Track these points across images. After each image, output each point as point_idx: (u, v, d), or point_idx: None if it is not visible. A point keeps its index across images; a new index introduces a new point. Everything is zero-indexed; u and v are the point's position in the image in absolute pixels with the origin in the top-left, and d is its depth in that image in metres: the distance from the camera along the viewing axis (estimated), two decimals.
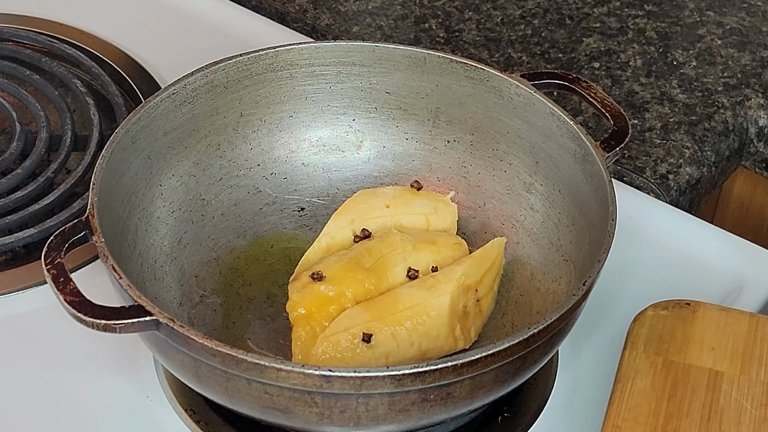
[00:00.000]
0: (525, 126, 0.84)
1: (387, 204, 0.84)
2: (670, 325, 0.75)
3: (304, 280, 0.78)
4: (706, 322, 0.75)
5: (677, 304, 0.76)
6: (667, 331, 0.74)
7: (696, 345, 0.73)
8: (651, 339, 0.74)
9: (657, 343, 0.73)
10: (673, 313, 0.75)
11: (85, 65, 1.02)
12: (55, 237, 0.70)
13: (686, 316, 0.75)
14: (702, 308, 0.76)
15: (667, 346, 0.73)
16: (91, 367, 0.80)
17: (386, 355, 0.74)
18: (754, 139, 1.07)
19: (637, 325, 0.75)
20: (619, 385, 0.73)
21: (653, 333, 0.74)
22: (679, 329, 0.74)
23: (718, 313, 0.76)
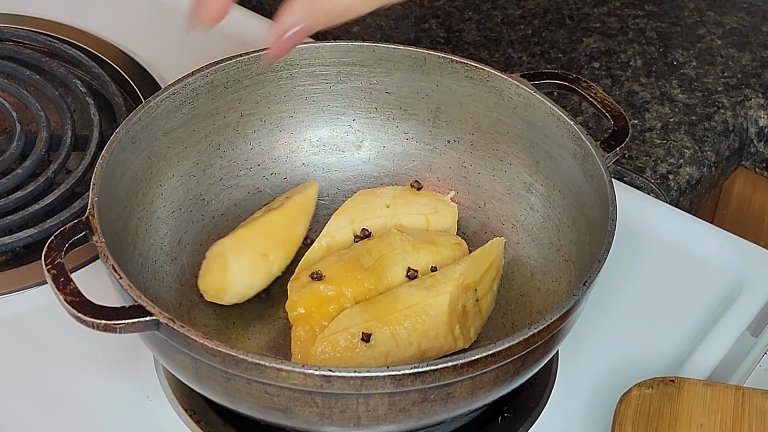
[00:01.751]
0: (525, 126, 0.84)
1: (387, 204, 0.84)
2: (657, 403, 0.75)
3: (303, 279, 0.78)
4: (692, 398, 0.75)
5: (662, 382, 0.76)
6: (654, 409, 0.75)
7: (684, 423, 0.74)
8: (639, 419, 0.74)
9: (645, 423, 0.74)
10: (659, 391, 0.75)
11: (85, 65, 1.02)
12: (55, 237, 0.70)
13: (672, 393, 0.75)
14: (687, 384, 0.76)
15: (655, 426, 0.74)
16: (91, 367, 0.80)
17: (385, 355, 0.74)
18: (754, 139, 1.07)
19: (623, 406, 0.75)
20: None
21: (640, 412, 0.74)
22: (666, 407, 0.74)
23: (704, 389, 0.76)
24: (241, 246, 0.79)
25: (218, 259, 0.79)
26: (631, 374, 0.81)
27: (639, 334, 0.84)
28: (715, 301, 0.87)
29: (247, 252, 0.79)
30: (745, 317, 0.85)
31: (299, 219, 0.83)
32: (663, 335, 0.84)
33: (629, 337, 0.84)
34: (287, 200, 0.84)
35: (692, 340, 0.84)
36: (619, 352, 0.83)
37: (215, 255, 0.79)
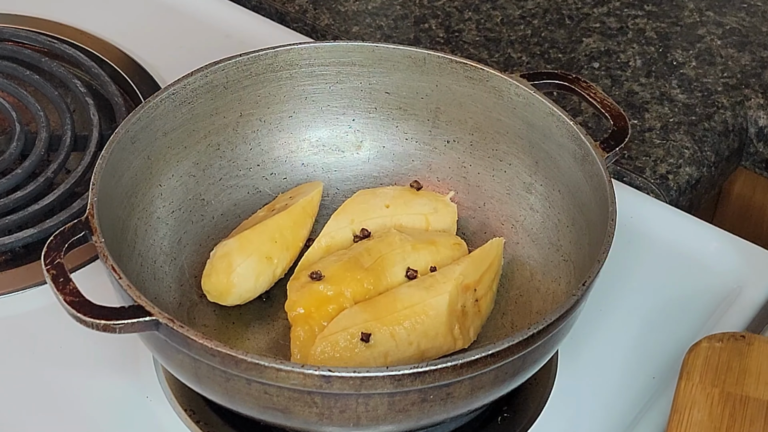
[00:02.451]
0: (525, 126, 0.84)
1: (387, 204, 0.84)
2: (726, 357, 0.75)
3: (303, 279, 0.78)
4: (763, 354, 0.76)
5: (732, 336, 0.77)
6: (723, 363, 0.75)
7: (753, 377, 0.74)
8: (707, 371, 0.75)
9: (713, 375, 0.74)
10: (728, 346, 0.76)
11: (85, 65, 1.02)
12: (54, 237, 0.70)
13: (741, 349, 0.76)
14: (757, 341, 0.77)
15: (723, 378, 0.74)
16: (91, 367, 0.80)
17: (385, 355, 0.74)
18: (753, 139, 1.07)
19: (692, 356, 0.76)
20: (676, 416, 0.73)
21: (709, 365, 0.75)
22: (735, 361, 0.75)
23: None
24: (247, 248, 0.79)
25: (223, 260, 0.79)
26: (631, 374, 0.81)
27: (639, 334, 0.84)
28: (715, 301, 0.87)
29: (253, 254, 0.79)
30: (744, 317, 0.85)
31: (304, 222, 0.83)
32: (663, 335, 0.84)
33: (629, 337, 0.84)
34: (291, 201, 0.84)
35: (692, 340, 0.83)
36: (619, 352, 0.83)
37: (220, 256, 0.79)
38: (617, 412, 0.79)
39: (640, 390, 0.80)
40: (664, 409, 0.78)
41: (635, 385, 0.80)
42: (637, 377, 0.81)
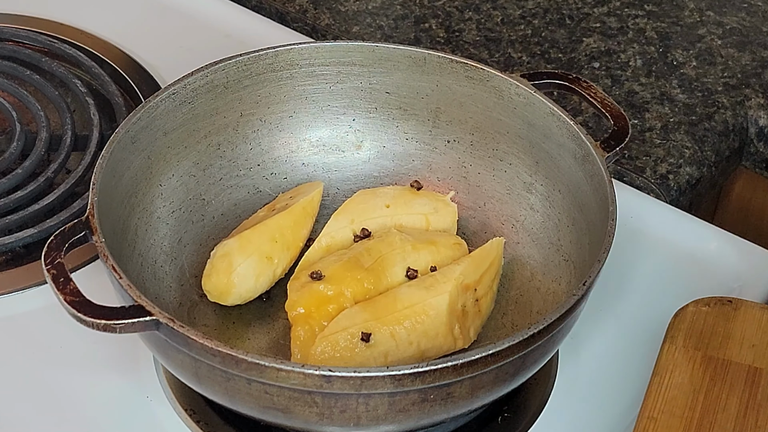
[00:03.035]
0: (525, 126, 0.84)
1: (387, 204, 0.84)
2: (711, 321, 0.75)
3: (303, 279, 0.78)
4: (748, 319, 0.75)
5: (719, 301, 0.76)
6: (708, 326, 0.75)
7: (736, 341, 0.74)
8: (691, 334, 0.74)
9: (697, 339, 0.74)
10: (715, 310, 0.75)
11: (85, 65, 1.02)
12: (55, 237, 0.70)
13: (728, 313, 0.75)
14: (744, 306, 0.76)
15: (707, 342, 0.74)
16: (91, 367, 0.80)
17: (385, 355, 0.74)
18: (754, 139, 1.07)
19: (677, 320, 0.75)
20: (656, 378, 0.73)
21: (693, 328, 0.75)
22: (720, 325, 0.74)
23: (760, 311, 0.76)
24: (247, 248, 0.79)
25: (223, 260, 0.79)
26: (631, 375, 0.81)
27: (639, 334, 0.84)
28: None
29: (253, 254, 0.79)
30: None
31: (304, 222, 0.83)
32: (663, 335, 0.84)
33: (629, 337, 0.84)
34: (292, 200, 0.84)
35: None
36: (619, 352, 0.83)
37: (221, 256, 0.79)
38: (617, 412, 0.79)
39: (640, 390, 0.80)
40: None
41: (635, 384, 0.80)
42: (637, 377, 0.81)
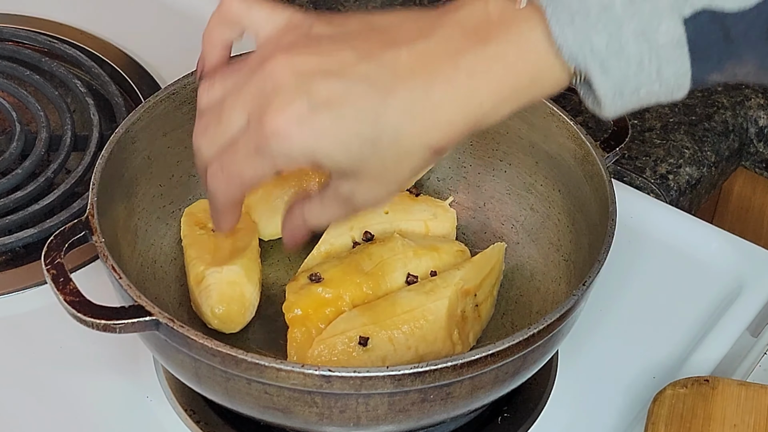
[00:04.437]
0: (525, 126, 0.84)
1: (386, 210, 0.84)
2: (690, 403, 0.74)
3: (302, 281, 0.78)
4: (727, 398, 0.75)
5: (696, 381, 0.76)
6: (688, 409, 0.74)
7: (718, 423, 0.73)
8: (672, 419, 0.74)
9: (678, 423, 0.73)
10: (693, 391, 0.75)
11: (85, 65, 1.02)
12: (55, 237, 0.70)
13: (706, 393, 0.75)
14: (721, 384, 0.76)
15: (688, 426, 0.73)
16: (91, 367, 0.80)
17: (383, 359, 0.73)
18: (754, 139, 1.07)
19: (657, 406, 0.75)
20: None
21: (674, 412, 0.74)
22: (700, 407, 0.74)
23: (738, 389, 0.76)
24: (252, 277, 0.79)
25: (234, 288, 0.78)
26: (631, 374, 0.81)
27: (639, 334, 0.84)
28: (715, 301, 0.87)
29: (256, 284, 0.80)
30: (744, 317, 0.85)
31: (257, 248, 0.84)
32: (663, 335, 0.84)
33: (629, 337, 0.84)
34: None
35: (692, 340, 0.84)
36: (619, 352, 0.83)
37: (230, 283, 0.78)
38: (617, 412, 0.79)
39: (640, 390, 0.80)
40: None
41: (635, 385, 0.80)
42: (637, 377, 0.81)
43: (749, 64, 0.59)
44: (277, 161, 0.61)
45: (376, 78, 0.60)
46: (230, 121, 0.62)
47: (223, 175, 0.64)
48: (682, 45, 0.58)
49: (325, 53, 0.61)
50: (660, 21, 0.58)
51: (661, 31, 0.58)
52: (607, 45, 0.58)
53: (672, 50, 0.58)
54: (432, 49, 0.60)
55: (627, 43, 0.58)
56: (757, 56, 0.59)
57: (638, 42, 0.58)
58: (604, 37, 0.58)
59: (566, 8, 0.58)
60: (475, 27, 0.60)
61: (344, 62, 0.60)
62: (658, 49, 0.58)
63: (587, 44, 0.58)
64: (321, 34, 0.63)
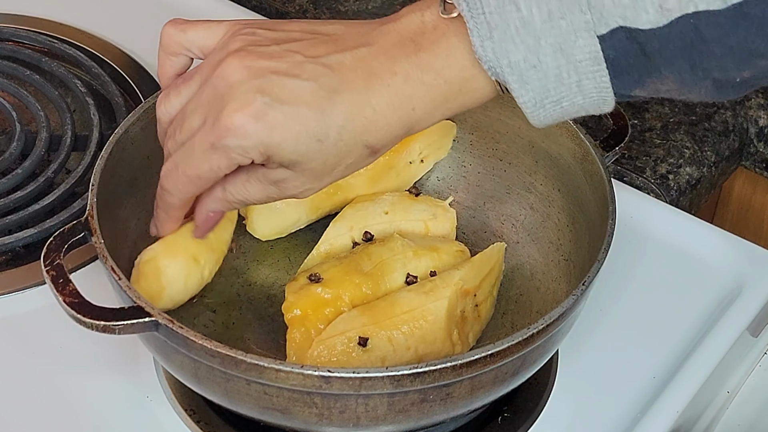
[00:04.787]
0: (525, 126, 0.84)
1: (386, 210, 0.84)
2: None
3: (301, 281, 0.78)
4: None
5: None
6: None
7: None
8: None
9: None
10: None
11: (85, 65, 1.02)
12: (54, 238, 0.70)
13: None
14: None
15: None
16: (91, 367, 0.80)
17: (382, 360, 0.73)
18: (754, 139, 1.07)
19: None
20: None
21: None
22: None
23: None
24: (173, 250, 0.76)
25: (150, 264, 0.75)
26: (631, 374, 0.81)
27: (639, 334, 0.84)
28: (715, 301, 0.87)
29: (180, 255, 0.76)
30: (745, 317, 0.85)
31: (224, 225, 0.81)
32: (663, 335, 0.84)
33: (629, 337, 0.84)
34: None
35: (692, 340, 0.84)
36: (619, 352, 0.83)
37: (146, 261, 0.75)
38: (617, 412, 0.79)
39: (640, 390, 0.80)
40: (665, 409, 0.78)
41: (635, 385, 0.80)
42: (637, 377, 0.81)
43: (670, 81, 0.61)
44: (232, 155, 0.65)
45: (324, 79, 0.64)
46: (192, 125, 0.66)
47: (178, 172, 0.68)
48: (600, 61, 0.60)
49: (275, 55, 0.65)
50: (576, 37, 0.60)
51: (578, 46, 0.60)
52: (524, 59, 0.61)
53: (590, 65, 0.60)
54: (373, 54, 0.64)
55: (545, 57, 0.60)
56: (676, 73, 0.60)
57: (556, 56, 0.60)
58: (521, 51, 0.60)
59: (487, 23, 0.61)
60: (411, 36, 0.64)
61: (293, 63, 0.64)
62: (576, 63, 0.60)
63: (504, 58, 0.61)
64: (267, 37, 0.66)
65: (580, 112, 0.63)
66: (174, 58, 0.72)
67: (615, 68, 0.60)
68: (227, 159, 0.65)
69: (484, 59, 0.62)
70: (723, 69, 0.60)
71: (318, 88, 0.64)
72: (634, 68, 0.60)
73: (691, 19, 0.58)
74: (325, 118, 0.64)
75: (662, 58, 0.60)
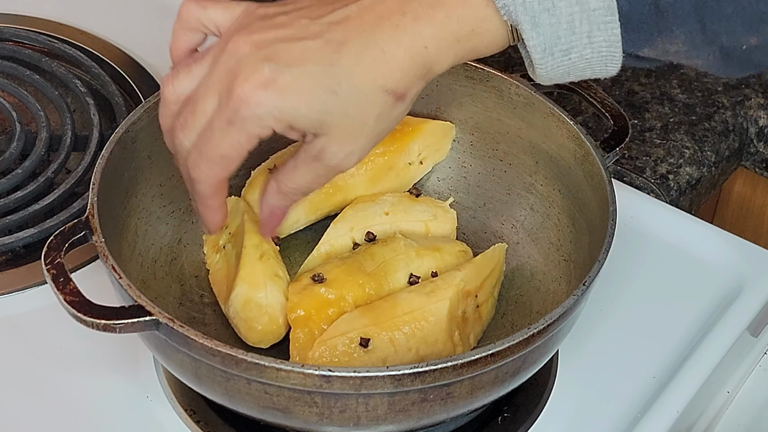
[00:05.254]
0: (525, 126, 0.84)
1: (386, 211, 0.84)
2: None
3: (304, 281, 0.78)
4: None
5: None
6: None
7: None
8: None
9: None
10: None
11: (85, 65, 1.02)
12: (55, 237, 0.70)
13: None
14: None
15: None
16: (91, 367, 0.80)
17: (383, 360, 0.73)
18: (754, 139, 1.07)
19: None
20: None
21: None
22: None
23: None
24: (255, 280, 0.77)
25: (248, 306, 0.76)
26: (631, 374, 0.81)
27: (639, 334, 0.84)
28: (715, 301, 0.87)
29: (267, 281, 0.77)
30: (745, 317, 0.85)
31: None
32: (663, 335, 0.84)
33: (629, 337, 0.84)
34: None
35: (692, 340, 0.84)
36: (619, 352, 0.83)
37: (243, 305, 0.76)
38: (617, 412, 0.79)
39: (640, 390, 0.80)
40: (665, 409, 0.78)
41: (635, 385, 0.80)
42: (637, 377, 0.81)
43: (679, 42, 0.61)
44: (249, 128, 0.64)
45: (329, 34, 0.64)
46: (204, 107, 0.66)
47: (202, 158, 0.67)
48: (613, 11, 0.60)
49: (280, 25, 0.65)
50: None
51: None
52: (539, 1, 0.61)
53: (603, 15, 0.60)
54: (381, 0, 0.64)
55: (559, 1, 0.61)
56: (686, 32, 0.61)
57: (570, 2, 0.61)
58: None
59: None
60: None
61: (299, 27, 0.64)
62: (589, 12, 0.60)
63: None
64: (275, 12, 0.66)
65: (586, 71, 0.63)
66: (190, 33, 0.71)
67: (627, 22, 0.60)
68: (246, 132, 0.64)
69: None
70: (732, 32, 0.60)
71: (324, 43, 0.63)
72: (646, 24, 0.61)
73: None
74: (334, 69, 0.63)
75: (674, 15, 0.60)
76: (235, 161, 0.67)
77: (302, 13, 0.65)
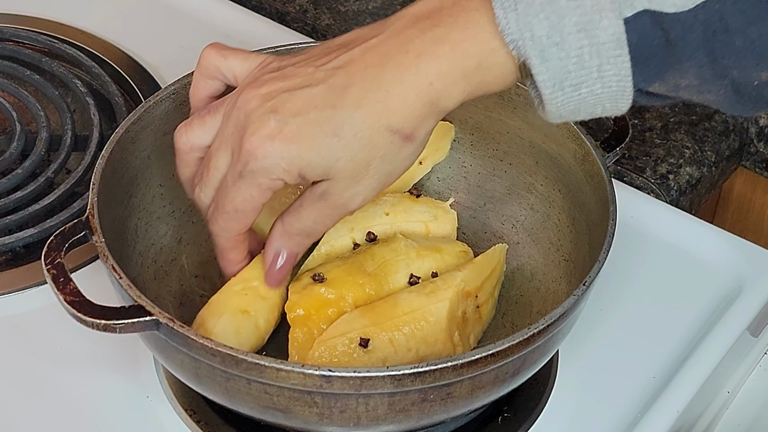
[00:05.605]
0: (525, 126, 0.84)
1: (386, 212, 0.84)
2: None
3: (304, 281, 0.78)
4: None
5: None
6: None
7: None
8: None
9: None
10: None
11: (85, 65, 1.02)
12: (55, 237, 0.70)
13: None
14: None
15: None
16: (91, 367, 0.80)
17: (383, 361, 0.73)
18: (754, 139, 1.07)
19: None
20: None
21: None
22: None
23: None
24: (216, 309, 0.75)
25: (201, 330, 0.74)
26: (631, 374, 0.81)
27: (639, 334, 0.84)
28: (715, 301, 0.87)
29: (224, 312, 0.74)
30: (745, 317, 0.85)
31: None
32: (663, 335, 0.84)
33: (629, 337, 0.84)
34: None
35: (692, 340, 0.84)
36: (619, 352, 0.83)
37: (197, 327, 0.74)
38: (617, 412, 0.79)
39: (640, 390, 0.80)
40: (665, 409, 0.78)
41: (635, 385, 0.80)
42: (637, 377, 0.81)
43: (690, 75, 0.60)
44: (259, 180, 0.65)
45: (333, 79, 0.64)
46: (218, 163, 0.67)
47: (219, 213, 0.68)
48: (623, 44, 0.59)
49: (288, 76, 0.65)
50: (601, 17, 0.59)
51: (602, 27, 0.59)
52: (548, 34, 0.60)
53: (613, 49, 0.59)
54: (383, 41, 0.64)
55: (568, 35, 0.59)
56: (696, 66, 0.60)
57: (579, 36, 0.59)
58: (545, 26, 0.59)
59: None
60: (427, 14, 0.64)
61: (305, 76, 0.65)
62: (599, 46, 0.59)
63: (528, 31, 0.60)
64: (287, 64, 0.67)
65: (597, 107, 0.62)
66: (210, 80, 0.72)
67: (637, 56, 0.59)
68: (257, 186, 0.65)
69: (506, 31, 0.60)
70: (742, 66, 0.59)
71: (327, 89, 0.64)
72: (656, 57, 0.60)
73: (717, 4, 0.58)
74: (335, 113, 0.63)
75: (684, 48, 0.59)
76: (250, 215, 0.68)
77: (309, 61, 0.66)
